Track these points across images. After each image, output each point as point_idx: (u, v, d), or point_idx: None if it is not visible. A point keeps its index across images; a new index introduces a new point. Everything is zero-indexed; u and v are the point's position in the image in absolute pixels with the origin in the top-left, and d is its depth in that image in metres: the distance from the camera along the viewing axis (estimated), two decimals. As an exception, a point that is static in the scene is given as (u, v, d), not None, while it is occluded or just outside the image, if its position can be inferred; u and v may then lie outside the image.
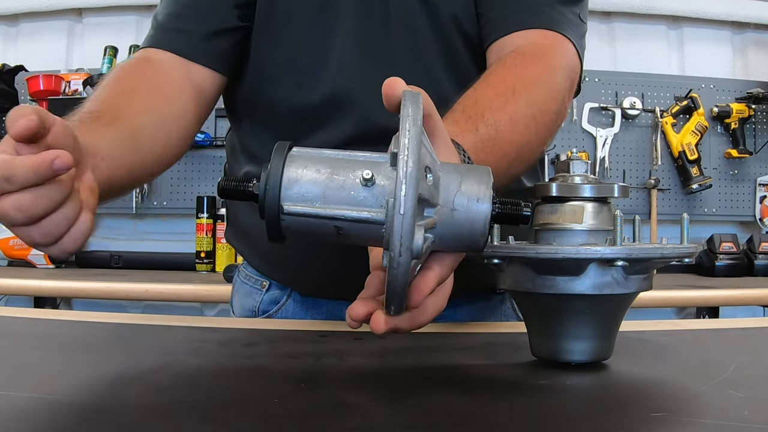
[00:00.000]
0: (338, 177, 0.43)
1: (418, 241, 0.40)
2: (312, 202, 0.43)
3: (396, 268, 0.40)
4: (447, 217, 0.44)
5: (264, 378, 0.52)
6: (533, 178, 0.90)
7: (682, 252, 0.51)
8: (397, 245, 0.39)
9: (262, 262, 0.93)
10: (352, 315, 0.47)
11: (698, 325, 0.83)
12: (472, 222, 0.44)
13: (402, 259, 0.39)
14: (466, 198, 0.44)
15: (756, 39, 2.67)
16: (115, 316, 0.83)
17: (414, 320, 0.47)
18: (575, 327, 0.53)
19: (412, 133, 0.40)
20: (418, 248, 0.40)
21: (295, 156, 0.44)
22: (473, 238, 0.45)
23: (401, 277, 0.40)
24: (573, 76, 0.77)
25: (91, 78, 2.38)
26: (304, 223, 0.43)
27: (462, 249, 0.47)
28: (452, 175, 0.45)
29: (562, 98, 0.74)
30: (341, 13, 0.81)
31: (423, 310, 0.48)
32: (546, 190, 0.55)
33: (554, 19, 0.78)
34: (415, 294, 0.45)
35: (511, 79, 0.70)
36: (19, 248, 2.36)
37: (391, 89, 0.45)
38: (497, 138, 0.65)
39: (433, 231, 0.44)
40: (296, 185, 0.43)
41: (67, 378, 0.50)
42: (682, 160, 2.51)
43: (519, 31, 0.78)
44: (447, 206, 0.44)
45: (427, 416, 0.42)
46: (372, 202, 0.43)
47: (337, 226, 0.43)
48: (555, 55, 0.76)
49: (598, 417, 0.43)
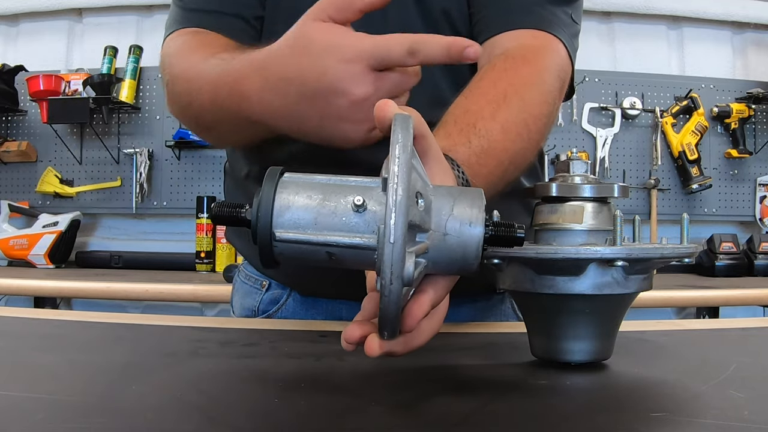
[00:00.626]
0: (330, 203, 0.43)
1: (409, 268, 0.40)
2: (304, 228, 0.43)
3: (387, 296, 0.40)
4: (439, 241, 0.44)
5: (264, 378, 0.52)
6: (533, 178, 0.90)
7: (682, 252, 0.51)
8: (387, 273, 0.39)
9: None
10: (347, 338, 0.47)
11: (698, 325, 0.83)
12: (464, 246, 0.44)
13: (393, 287, 0.39)
14: (459, 222, 0.44)
15: (756, 39, 2.67)
16: (115, 316, 0.83)
17: (408, 344, 0.47)
18: (575, 327, 0.53)
19: (401, 159, 0.40)
20: (409, 276, 0.40)
21: (287, 182, 0.44)
22: (467, 262, 0.45)
23: (393, 305, 0.40)
24: (563, 76, 0.77)
25: (92, 78, 2.38)
26: (296, 250, 0.44)
27: (456, 272, 0.47)
28: (444, 199, 0.45)
29: (553, 100, 0.74)
30: None
31: (417, 334, 0.48)
32: (546, 190, 0.55)
33: (545, 19, 0.78)
34: (408, 319, 0.45)
35: (502, 85, 0.70)
36: (19, 248, 2.37)
37: (382, 111, 0.45)
38: (490, 148, 0.65)
39: (426, 256, 0.44)
40: (288, 212, 0.43)
41: (67, 378, 0.50)
42: (682, 160, 2.51)
43: (509, 31, 0.78)
44: (439, 231, 0.44)
45: (427, 416, 0.42)
46: (363, 227, 0.43)
47: (329, 252, 0.43)
48: (545, 56, 0.76)
49: (598, 417, 0.43)
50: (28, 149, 2.54)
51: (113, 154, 2.55)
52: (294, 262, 0.46)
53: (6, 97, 2.49)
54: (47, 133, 2.53)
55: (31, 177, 2.57)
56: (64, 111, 2.38)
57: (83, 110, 2.37)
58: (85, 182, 2.56)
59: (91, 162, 2.57)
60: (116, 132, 2.56)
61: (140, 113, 2.55)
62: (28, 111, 2.57)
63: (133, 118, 2.57)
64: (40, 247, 2.35)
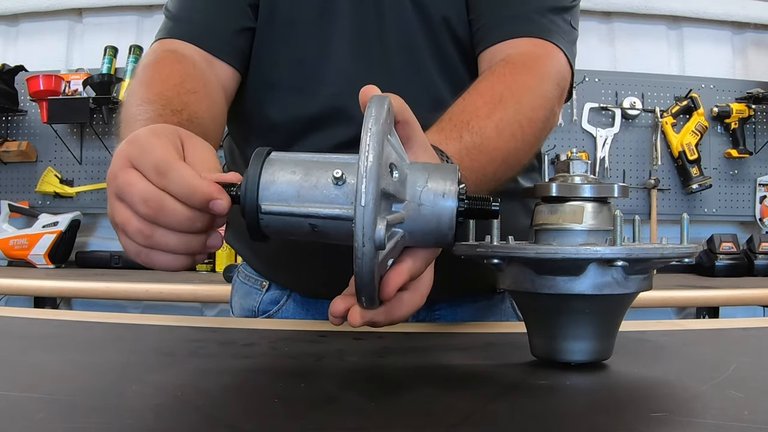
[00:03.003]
0: (311, 177, 0.45)
1: (380, 231, 0.42)
2: (287, 201, 0.45)
3: (360, 258, 0.42)
4: (414, 212, 0.46)
5: (264, 378, 0.52)
6: (533, 178, 0.90)
7: (682, 252, 0.51)
8: (360, 236, 0.41)
9: (263, 265, 0.93)
10: (332, 312, 0.48)
11: (698, 325, 0.82)
12: (438, 216, 0.46)
13: (366, 249, 0.41)
14: (432, 194, 0.46)
15: (756, 39, 2.67)
16: (115, 316, 0.83)
17: (390, 314, 0.48)
18: (575, 327, 0.53)
19: (373, 130, 0.42)
20: (380, 238, 0.42)
21: (273, 160, 0.47)
22: (441, 232, 0.47)
23: (366, 267, 0.42)
24: (563, 83, 0.78)
25: (92, 78, 2.38)
26: (281, 222, 0.46)
27: (433, 243, 0.48)
28: (419, 173, 0.47)
29: (551, 106, 0.75)
30: (338, 19, 0.81)
31: (399, 304, 0.49)
32: (546, 190, 0.55)
33: (545, 27, 0.79)
34: (386, 287, 0.46)
35: (500, 88, 0.71)
36: (19, 248, 2.37)
37: (364, 96, 0.47)
38: (482, 145, 0.66)
39: (402, 226, 0.46)
40: (273, 186, 0.46)
41: (67, 378, 0.50)
42: (682, 160, 2.51)
43: (510, 40, 0.78)
44: (414, 202, 0.46)
45: (427, 416, 0.42)
46: (343, 199, 0.45)
47: (311, 223, 0.46)
48: (545, 64, 0.77)
49: (598, 417, 0.43)
50: (28, 149, 2.54)
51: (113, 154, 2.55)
52: (280, 235, 0.47)
53: (6, 97, 2.49)
54: (47, 133, 2.53)
55: (31, 177, 2.57)
56: (64, 111, 2.38)
57: (83, 110, 2.37)
58: (85, 182, 2.56)
59: (91, 162, 2.57)
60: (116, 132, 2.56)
61: (140, 113, 2.55)
62: (28, 111, 2.57)
63: (133, 118, 2.56)
64: (40, 247, 2.35)
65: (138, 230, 0.47)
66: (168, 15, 0.83)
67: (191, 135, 0.52)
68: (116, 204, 0.48)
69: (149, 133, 0.50)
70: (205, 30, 0.80)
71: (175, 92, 0.70)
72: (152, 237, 0.47)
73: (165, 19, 0.83)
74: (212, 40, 0.80)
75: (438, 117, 0.68)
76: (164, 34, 0.81)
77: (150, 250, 0.48)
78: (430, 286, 0.52)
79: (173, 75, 0.73)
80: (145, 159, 0.47)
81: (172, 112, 0.66)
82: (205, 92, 0.74)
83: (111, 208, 0.49)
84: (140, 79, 0.73)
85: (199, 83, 0.74)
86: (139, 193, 0.47)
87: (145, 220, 0.47)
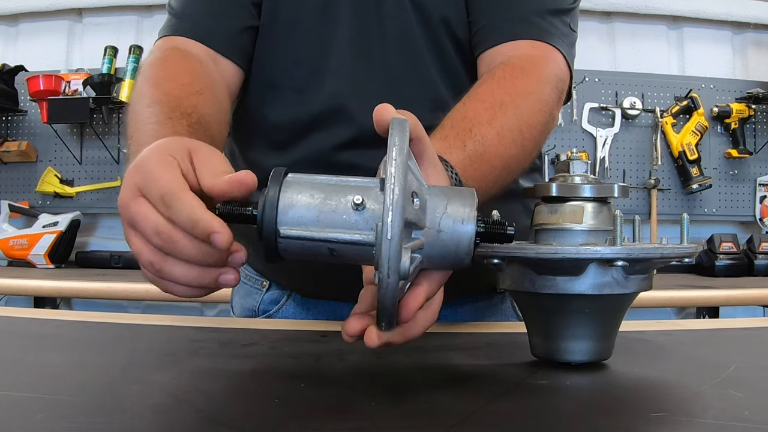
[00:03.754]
0: (331, 202, 0.46)
1: (405, 263, 0.42)
2: (307, 225, 0.45)
3: (385, 288, 0.42)
4: (434, 238, 0.47)
5: (264, 378, 0.52)
6: (534, 178, 0.90)
7: (682, 252, 0.51)
8: (385, 268, 0.42)
9: (263, 266, 0.93)
10: (347, 331, 0.48)
11: (698, 325, 0.83)
12: (457, 242, 0.47)
13: (390, 281, 0.42)
14: (452, 220, 0.47)
15: (756, 39, 2.67)
16: (115, 316, 0.83)
17: (405, 334, 0.49)
18: (575, 327, 0.53)
19: (398, 161, 0.42)
20: (405, 270, 0.42)
21: (291, 182, 0.47)
22: (459, 257, 0.47)
23: (390, 297, 0.43)
24: (561, 86, 0.78)
25: (92, 78, 2.38)
26: (299, 246, 0.46)
27: (449, 267, 0.49)
28: (438, 198, 0.47)
29: (550, 110, 0.75)
30: (339, 20, 0.81)
31: (414, 324, 0.49)
32: (546, 190, 0.55)
33: (544, 30, 0.79)
34: (404, 310, 0.47)
35: (500, 93, 0.72)
36: (19, 248, 2.37)
37: (380, 116, 0.47)
38: (485, 153, 0.66)
39: (421, 252, 0.47)
40: (292, 210, 0.46)
41: (67, 378, 0.50)
42: (682, 160, 2.51)
43: (509, 42, 0.78)
44: (434, 228, 0.47)
45: (427, 416, 0.42)
46: (363, 225, 0.45)
47: (330, 248, 0.46)
48: (544, 67, 0.77)
49: (598, 417, 0.43)
50: (28, 149, 2.54)
51: (113, 154, 2.55)
52: (297, 258, 0.47)
53: (6, 97, 2.49)
54: (47, 133, 2.53)
55: (31, 177, 2.57)
56: (64, 111, 2.38)
57: (83, 110, 2.37)
58: (85, 182, 2.56)
59: (91, 162, 2.57)
60: (116, 132, 2.56)
61: (140, 113, 2.55)
62: (28, 111, 2.57)
63: (133, 118, 2.56)
64: (40, 247, 2.35)
65: (149, 261, 0.48)
66: (171, 12, 0.83)
67: (200, 145, 0.52)
68: (130, 233, 0.49)
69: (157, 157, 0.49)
70: (210, 28, 0.80)
71: (185, 93, 0.70)
72: (163, 269, 0.48)
73: (168, 16, 0.83)
74: (217, 38, 0.80)
75: (437, 117, 0.69)
76: (168, 32, 0.81)
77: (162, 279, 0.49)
78: (441, 302, 0.53)
79: (181, 74, 0.73)
80: (151, 189, 0.47)
81: (181, 115, 0.66)
82: (211, 93, 0.74)
83: (126, 235, 0.50)
84: (147, 77, 0.73)
85: (206, 83, 0.74)
86: (151, 226, 0.47)
87: (158, 251, 0.47)
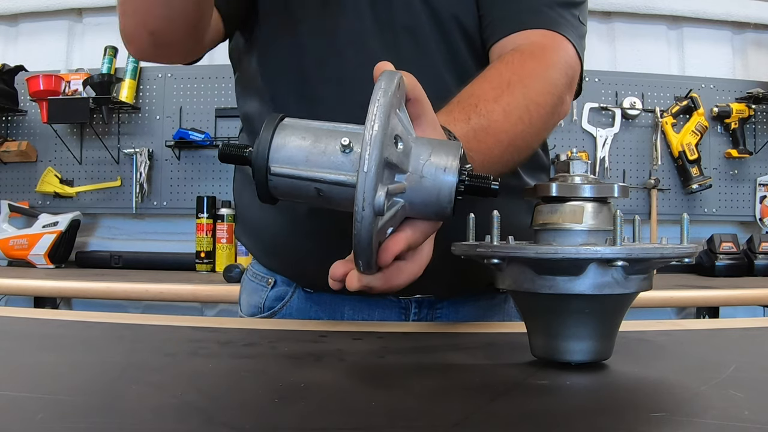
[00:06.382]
0: (320, 144, 0.48)
1: (380, 197, 0.43)
2: (296, 165, 0.48)
3: (360, 222, 0.44)
4: (416, 183, 0.48)
5: (264, 378, 0.52)
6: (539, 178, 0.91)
7: (682, 252, 0.51)
8: (360, 200, 0.43)
9: (270, 257, 0.95)
10: (331, 274, 0.50)
11: (698, 325, 0.82)
12: (439, 189, 0.48)
13: (365, 213, 0.43)
14: (435, 167, 0.48)
15: (756, 39, 2.67)
16: (115, 316, 0.83)
17: (387, 281, 0.50)
18: (575, 327, 0.53)
19: (381, 101, 0.44)
20: (380, 204, 0.44)
21: (285, 125, 0.49)
22: (440, 206, 0.49)
23: (365, 231, 0.44)
24: (571, 72, 0.79)
25: (92, 78, 2.38)
26: (288, 184, 0.48)
27: (432, 216, 0.50)
28: (424, 147, 0.49)
29: (559, 93, 0.76)
30: (346, 12, 0.81)
31: (397, 272, 0.51)
32: (546, 190, 0.55)
33: (554, 20, 0.80)
34: (384, 252, 0.48)
35: (507, 74, 0.73)
36: (19, 248, 2.37)
37: (377, 71, 0.50)
38: (489, 127, 0.67)
39: (403, 196, 0.48)
40: (283, 149, 0.48)
41: (67, 378, 0.50)
42: (682, 160, 2.51)
43: (519, 32, 0.80)
44: (416, 173, 0.48)
45: (427, 416, 0.42)
46: (348, 167, 0.47)
47: (317, 188, 0.48)
48: (553, 53, 0.78)
49: (598, 417, 0.42)
50: (28, 149, 2.54)
51: (113, 154, 2.55)
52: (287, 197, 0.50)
53: (6, 97, 2.49)
54: (47, 133, 2.53)
55: (31, 177, 2.57)
56: (64, 111, 2.38)
57: (83, 110, 2.37)
58: (85, 182, 2.56)
59: (91, 162, 2.57)
60: (116, 132, 2.56)
61: (140, 113, 2.55)
62: (28, 111, 2.57)
63: (133, 118, 2.57)
64: (40, 247, 2.35)
65: None
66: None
67: None
68: None
69: None
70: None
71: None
72: None
73: None
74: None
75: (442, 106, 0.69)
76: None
77: None
78: (429, 258, 0.54)
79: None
80: None
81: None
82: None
83: None
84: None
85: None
86: None
87: None
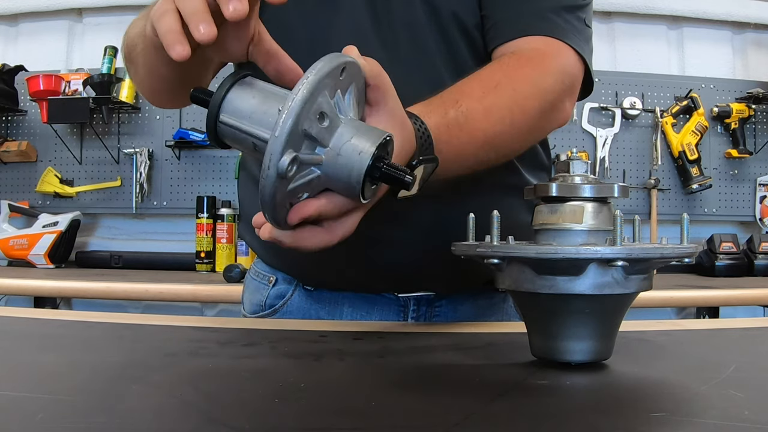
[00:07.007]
0: (265, 105, 0.53)
1: (284, 161, 0.48)
2: (240, 118, 0.53)
3: (264, 179, 0.48)
4: (333, 159, 0.52)
5: (264, 378, 0.52)
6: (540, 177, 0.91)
7: (682, 252, 0.51)
8: (267, 160, 0.48)
9: (272, 254, 0.95)
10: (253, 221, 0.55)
11: (698, 325, 0.82)
12: (350, 169, 0.52)
13: (269, 173, 0.48)
14: (352, 148, 0.52)
15: (756, 39, 2.67)
16: (115, 316, 0.83)
17: (296, 240, 0.55)
18: (575, 327, 0.53)
19: (309, 79, 0.49)
20: (283, 167, 0.48)
21: (245, 83, 0.54)
22: (350, 185, 0.52)
23: (268, 189, 0.49)
24: (569, 80, 0.79)
25: (92, 78, 2.38)
26: (232, 134, 0.54)
27: (344, 192, 0.54)
28: (349, 129, 0.53)
29: (552, 99, 0.75)
30: (344, 8, 0.81)
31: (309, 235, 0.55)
32: (546, 190, 0.55)
33: (558, 26, 0.79)
34: (292, 213, 0.53)
35: (499, 75, 0.73)
36: (19, 248, 2.37)
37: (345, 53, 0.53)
38: (465, 124, 0.67)
39: (320, 168, 0.52)
40: (234, 102, 0.53)
41: (67, 378, 0.50)
42: (682, 160, 2.51)
43: (522, 38, 0.79)
44: (335, 150, 0.52)
45: (427, 416, 0.42)
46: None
47: (253, 142, 0.53)
48: (551, 60, 0.77)
49: (598, 417, 0.42)
50: (28, 149, 2.54)
51: (113, 154, 2.55)
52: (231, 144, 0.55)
53: (6, 97, 2.49)
54: (47, 133, 2.53)
55: (31, 177, 2.57)
56: (64, 111, 2.38)
57: (83, 110, 2.37)
58: (85, 182, 2.56)
59: (91, 162, 2.57)
60: (116, 132, 2.56)
61: (140, 113, 2.55)
62: (28, 111, 2.57)
63: (133, 118, 2.57)
64: (40, 247, 2.35)
65: None
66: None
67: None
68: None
69: None
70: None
71: None
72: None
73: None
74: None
75: None
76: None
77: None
78: (347, 233, 0.57)
79: None
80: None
81: None
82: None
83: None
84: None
85: None
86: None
87: None
